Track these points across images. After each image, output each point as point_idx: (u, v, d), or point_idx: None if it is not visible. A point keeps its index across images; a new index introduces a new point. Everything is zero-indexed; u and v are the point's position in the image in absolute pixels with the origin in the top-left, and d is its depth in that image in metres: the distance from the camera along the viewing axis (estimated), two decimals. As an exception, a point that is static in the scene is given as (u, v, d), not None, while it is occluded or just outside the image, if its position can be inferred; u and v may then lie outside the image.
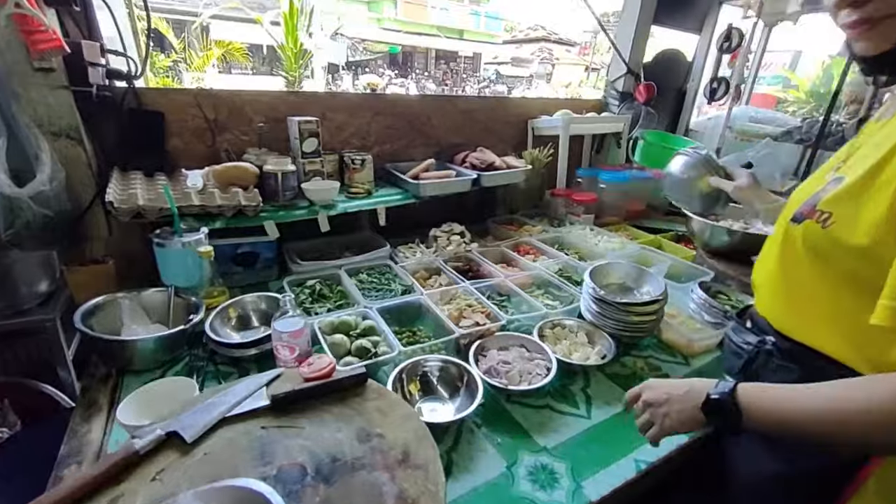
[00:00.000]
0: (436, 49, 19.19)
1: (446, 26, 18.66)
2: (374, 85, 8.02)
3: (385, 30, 16.50)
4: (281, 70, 3.82)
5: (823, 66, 7.36)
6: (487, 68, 22.29)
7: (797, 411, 0.60)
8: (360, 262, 1.47)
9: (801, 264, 0.73)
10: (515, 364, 1.01)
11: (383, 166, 1.79)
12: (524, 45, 24.83)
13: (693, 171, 1.29)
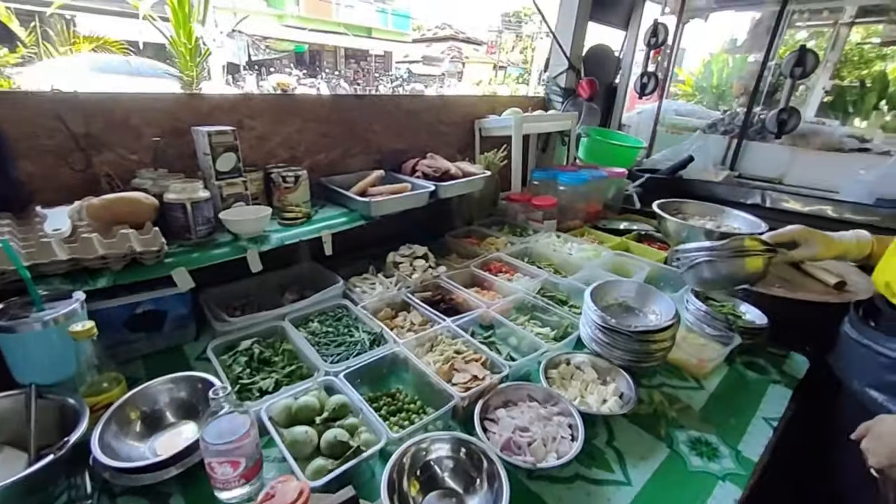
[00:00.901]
0: (345, 48, 18.46)
1: (353, 24, 18.00)
2: (285, 85, 7.36)
3: (288, 27, 15.45)
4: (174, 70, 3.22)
5: (704, 62, 8.21)
6: (399, 67, 22.01)
7: None
8: (308, 308, 1.17)
9: None
10: (535, 429, 0.81)
11: (318, 181, 1.49)
12: (434, 44, 24.96)
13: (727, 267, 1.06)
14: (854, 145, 2.32)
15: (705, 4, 2.97)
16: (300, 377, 0.95)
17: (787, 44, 5.17)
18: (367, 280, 1.35)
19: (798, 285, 1.28)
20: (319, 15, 16.56)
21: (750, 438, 0.90)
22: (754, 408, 0.98)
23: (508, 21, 25.40)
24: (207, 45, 3.91)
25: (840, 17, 4.08)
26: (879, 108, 5.14)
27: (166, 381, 0.85)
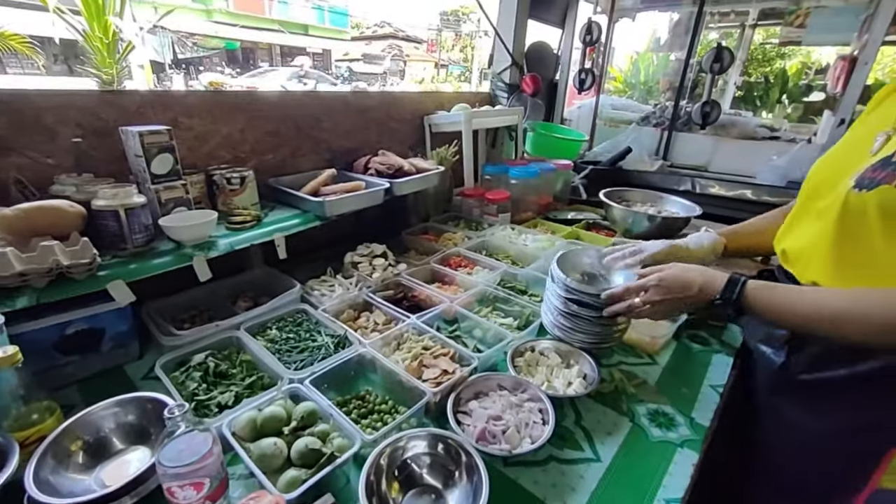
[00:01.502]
0: (280, 45, 17.72)
1: (288, 21, 17.31)
2: (219, 85, 6.93)
3: (216, 23, 14.56)
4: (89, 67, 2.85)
5: (632, 60, 8.75)
6: (339, 65, 21.51)
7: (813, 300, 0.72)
8: (264, 315, 1.11)
9: (872, 230, 0.69)
10: (508, 417, 0.83)
11: (266, 182, 1.42)
12: (374, 42, 24.63)
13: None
14: (766, 134, 2.58)
15: (632, 5, 3.16)
16: (262, 387, 0.90)
17: (702, 43, 5.64)
18: (325, 282, 1.31)
19: (731, 263, 1.39)
20: (251, 11, 15.75)
21: (700, 406, 0.97)
22: (702, 377, 1.06)
23: (447, 19, 25.58)
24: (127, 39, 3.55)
25: (745, 19, 4.50)
26: (782, 102, 5.75)
27: (110, 406, 0.77)
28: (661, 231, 1.51)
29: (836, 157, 0.86)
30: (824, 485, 0.85)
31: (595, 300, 0.97)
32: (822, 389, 0.82)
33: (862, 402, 0.78)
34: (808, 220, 0.84)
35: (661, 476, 0.80)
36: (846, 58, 2.31)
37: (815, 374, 0.82)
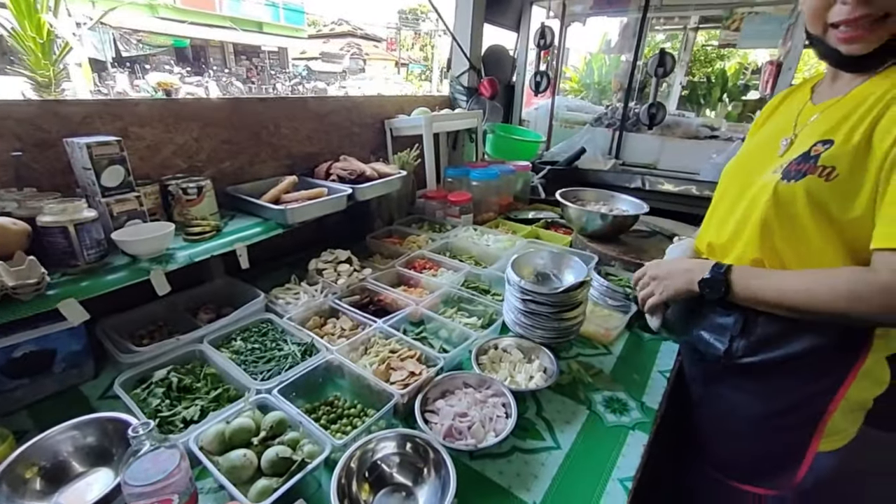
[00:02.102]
0: (233, 43, 17.06)
1: (241, 18, 16.68)
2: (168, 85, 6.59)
3: (163, 19, 13.82)
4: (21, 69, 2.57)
5: (585, 60, 9.06)
6: (297, 64, 20.98)
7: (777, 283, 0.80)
8: (228, 326, 1.10)
9: (800, 214, 0.78)
10: (473, 413, 0.87)
11: (224, 191, 1.40)
12: (331, 40, 24.16)
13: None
14: (707, 133, 2.76)
15: (582, 10, 3.28)
16: (228, 400, 0.90)
17: (650, 45, 5.93)
18: (289, 290, 1.31)
19: (676, 256, 1.50)
20: (200, 7, 15.06)
21: (650, 391, 1.05)
22: (652, 364, 1.15)
23: (406, 18, 25.47)
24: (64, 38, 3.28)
25: (688, 22, 4.77)
26: (723, 100, 6.13)
27: (68, 429, 0.76)
28: (614, 228, 1.60)
29: (745, 161, 0.97)
30: (773, 457, 0.93)
31: (550, 298, 1.03)
32: (761, 371, 0.90)
33: (795, 379, 0.87)
34: (728, 215, 0.94)
35: (616, 458, 0.87)
36: (773, 62, 2.51)
37: (755, 357, 0.90)
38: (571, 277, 1.17)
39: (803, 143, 0.82)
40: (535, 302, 1.06)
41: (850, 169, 0.73)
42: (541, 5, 3.04)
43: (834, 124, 0.78)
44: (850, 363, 0.82)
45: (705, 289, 0.88)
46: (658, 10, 3.43)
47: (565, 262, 1.21)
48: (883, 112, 0.72)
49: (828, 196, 0.75)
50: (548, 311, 1.06)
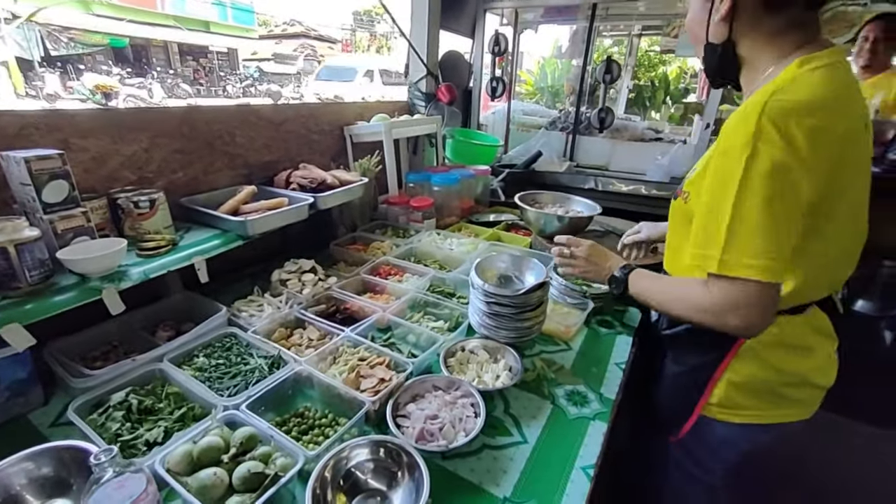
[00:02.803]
0: (178, 43, 16.24)
1: (185, 17, 15.90)
2: (106, 88, 6.15)
3: (98, 17, 12.95)
4: None
5: (539, 65, 9.35)
6: (248, 65, 20.27)
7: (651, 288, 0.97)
8: (189, 343, 1.07)
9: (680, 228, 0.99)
10: (443, 415, 0.90)
11: (178, 202, 1.36)
12: (284, 41, 23.52)
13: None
14: (652, 136, 2.94)
15: (533, 18, 3.40)
16: (194, 419, 0.88)
17: (598, 50, 6.21)
18: (253, 302, 1.29)
19: (626, 254, 1.60)
20: (140, 5, 14.23)
21: (608, 382, 1.12)
22: (608, 356, 1.22)
23: (361, 19, 25.19)
24: None
25: (632, 29, 5.03)
26: (666, 103, 6.52)
27: (20, 460, 0.72)
28: (571, 229, 1.68)
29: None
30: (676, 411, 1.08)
31: (512, 300, 1.08)
32: (674, 340, 1.07)
33: (694, 349, 1.02)
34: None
35: (579, 447, 0.92)
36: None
37: (671, 329, 1.07)
38: (532, 279, 1.23)
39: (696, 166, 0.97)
40: (499, 304, 1.11)
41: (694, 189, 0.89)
42: (494, 13, 3.12)
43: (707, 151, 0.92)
44: (731, 343, 0.94)
45: (612, 283, 1.06)
46: (604, 20, 3.61)
47: (525, 264, 1.27)
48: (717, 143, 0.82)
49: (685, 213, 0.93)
50: (511, 312, 1.11)
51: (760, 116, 0.70)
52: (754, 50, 0.84)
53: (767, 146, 0.70)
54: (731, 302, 0.76)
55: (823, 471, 2.06)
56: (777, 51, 0.81)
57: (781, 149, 0.69)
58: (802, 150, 0.69)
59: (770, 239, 0.72)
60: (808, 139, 0.69)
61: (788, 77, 0.76)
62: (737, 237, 0.73)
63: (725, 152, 0.75)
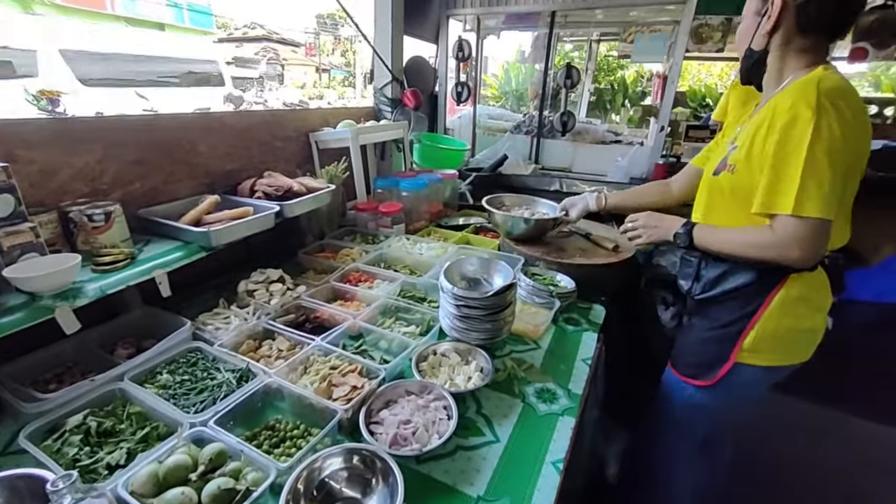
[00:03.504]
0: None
1: (137, 18, 15.20)
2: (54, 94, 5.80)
3: (39, 16, 12.19)
4: None
5: (503, 69, 9.51)
6: (207, 69, 19.59)
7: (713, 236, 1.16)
8: (151, 360, 1.04)
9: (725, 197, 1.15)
10: (416, 419, 0.91)
11: (136, 214, 1.31)
12: (245, 45, 22.91)
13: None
14: (612, 138, 3.06)
15: (496, 25, 3.47)
16: (159, 438, 0.85)
17: (560, 54, 6.39)
18: (219, 315, 1.25)
19: (591, 253, 1.66)
20: (86, 5, 13.52)
21: (575, 378, 1.16)
22: (575, 353, 1.27)
23: (324, 23, 24.85)
24: None
25: (591, 35, 5.21)
26: (625, 106, 6.78)
27: (-33, 494, 0.68)
28: (537, 230, 1.73)
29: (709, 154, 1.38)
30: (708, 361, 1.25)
31: (481, 302, 1.10)
32: (707, 303, 1.24)
33: (729, 308, 1.19)
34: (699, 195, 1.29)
35: (548, 443, 0.95)
36: (661, 75, 2.85)
37: (704, 294, 1.23)
38: (500, 280, 1.26)
39: (739, 144, 1.12)
40: (468, 307, 1.13)
41: (745, 164, 1.06)
42: (457, 19, 3.17)
43: (745, 132, 1.10)
44: (763, 298, 1.13)
45: (677, 238, 1.22)
46: (563, 27, 3.72)
47: (493, 266, 1.30)
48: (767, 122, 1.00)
49: (732, 183, 1.11)
50: (480, 314, 1.13)
51: (819, 97, 0.92)
52: (782, 60, 1.07)
53: (825, 117, 0.91)
54: (799, 237, 0.95)
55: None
56: (798, 64, 1.05)
57: (834, 118, 0.91)
58: (850, 119, 0.92)
59: (830, 186, 0.92)
60: (853, 113, 0.93)
61: (820, 74, 0.97)
62: (806, 186, 0.92)
63: (790, 125, 0.95)
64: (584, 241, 1.78)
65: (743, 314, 1.16)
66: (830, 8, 0.98)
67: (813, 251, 0.97)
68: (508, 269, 1.26)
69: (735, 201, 1.12)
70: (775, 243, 0.99)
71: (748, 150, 1.05)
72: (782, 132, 0.96)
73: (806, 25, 1.01)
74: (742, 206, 1.08)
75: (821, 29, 1.01)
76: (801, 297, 1.11)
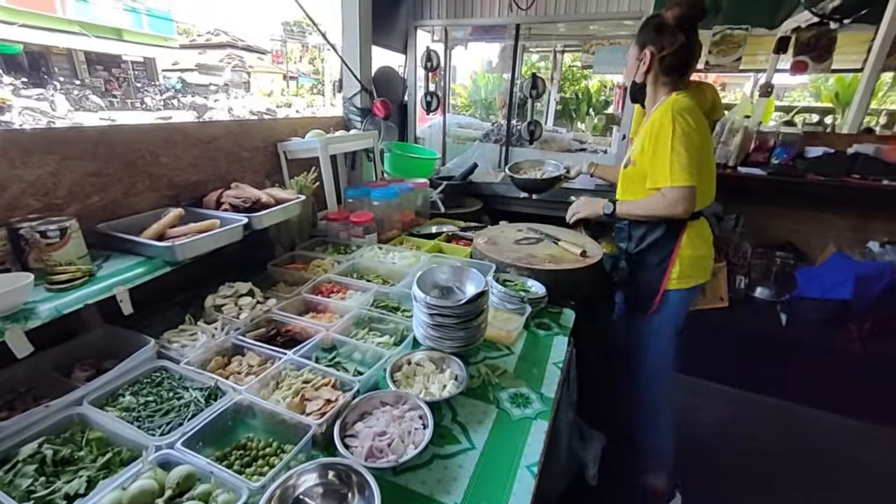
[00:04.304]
0: (84, 51, 14.85)
1: (92, 23, 14.59)
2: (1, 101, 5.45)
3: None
4: None
5: (472, 78, 9.67)
6: (169, 76, 19.01)
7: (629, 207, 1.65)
8: (113, 382, 0.99)
9: (632, 183, 1.68)
10: (392, 430, 0.91)
11: (94, 229, 1.26)
12: (209, 51, 22.35)
13: None
14: (577, 146, 3.15)
15: (463, 36, 3.53)
16: (122, 464, 0.82)
17: (527, 64, 6.55)
18: (185, 332, 1.21)
19: (560, 259, 1.70)
20: (36, 7, 12.86)
21: (548, 381, 1.19)
22: (547, 357, 1.30)
23: (291, 30, 24.54)
24: None
25: (556, 46, 5.37)
26: (590, 114, 7.01)
27: None
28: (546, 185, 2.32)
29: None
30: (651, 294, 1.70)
31: (454, 311, 1.11)
32: (641, 254, 1.70)
33: (655, 252, 1.66)
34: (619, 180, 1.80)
35: (523, 447, 0.97)
36: (621, 85, 2.97)
37: (637, 248, 1.70)
38: (472, 288, 1.27)
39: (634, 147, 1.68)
40: (441, 315, 1.14)
41: (640, 158, 1.59)
42: (425, 30, 3.21)
43: (639, 137, 1.64)
44: (675, 241, 1.62)
45: (605, 209, 1.69)
46: (528, 38, 3.83)
47: (465, 274, 1.31)
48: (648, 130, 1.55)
49: (635, 174, 1.64)
50: (453, 322, 1.14)
51: (674, 110, 1.46)
52: (654, 89, 1.62)
53: (680, 120, 1.44)
54: (678, 198, 1.46)
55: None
56: (663, 91, 1.59)
57: (685, 120, 1.45)
58: (690, 121, 1.45)
59: (690, 164, 1.43)
60: (693, 119, 1.46)
61: (674, 98, 1.52)
62: (674, 167, 1.44)
63: (660, 131, 1.48)
64: (554, 246, 1.82)
65: (665, 254, 1.64)
66: (680, 61, 1.54)
67: (690, 205, 1.46)
68: (480, 277, 1.28)
69: (638, 184, 1.64)
70: (666, 205, 1.49)
71: (640, 149, 1.58)
72: (656, 135, 1.49)
73: (666, 71, 1.56)
74: (641, 185, 1.61)
75: (674, 72, 1.56)
76: (696, 235, 1.63)
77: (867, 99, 3.16)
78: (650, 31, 1.55)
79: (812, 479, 2.12)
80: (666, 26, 1.52)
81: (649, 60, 1.54)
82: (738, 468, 2.17)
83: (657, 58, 1.53)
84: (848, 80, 6.84)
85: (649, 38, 1.55)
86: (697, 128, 1.46)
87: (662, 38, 1.52)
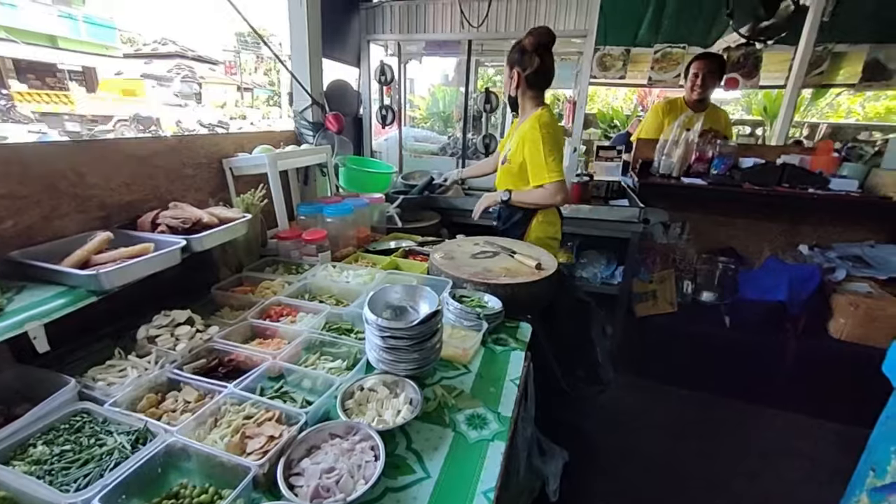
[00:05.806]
0: (12, 58, 13.79)
1: (21, 29, 13.59)
2: None
3: None
4: None
5: (430, 91, 9.75)
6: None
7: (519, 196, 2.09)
8: (23, 431, 0.88)
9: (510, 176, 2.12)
10: (340, 466, 0.86)
11: (7, 258, 1.14)
12: (155, 61, 21.38)
13: None
14: (534, 159, 3.22)
15: (417, 50, 3.55)
16: (28, 527, 0.72)
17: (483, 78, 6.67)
18: (113, 367, 1.11)
19: (515, 272, 1.71)
20: (-48, 11, 11.84)
21: (505, 400, 1.17)
22: (504, 374, 1.28)
23: (245, 41, 23.90)
24: None
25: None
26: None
27: None
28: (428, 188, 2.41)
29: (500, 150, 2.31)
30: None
31: (407, 332, 1.08)
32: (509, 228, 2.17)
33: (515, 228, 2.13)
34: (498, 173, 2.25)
35: (479, 472, 0.94)
36: (571, 100, 3.08)
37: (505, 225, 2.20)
38: (426, 307, 1.25)
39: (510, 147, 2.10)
40: (394, 337, 1.10)
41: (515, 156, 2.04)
42: (378, 44, 3.20)
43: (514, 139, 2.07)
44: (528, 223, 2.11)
45: (502, 197, 2.09)
46: (481, 54, 3.90)
47: (419, 293, 1.29)
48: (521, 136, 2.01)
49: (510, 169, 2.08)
50: (407, 344, 1.11)
51: (539, 123, 1.91)
52: (523, 101, 2.07)
53: (544, 131, 1.90)
54: (554, 190, 1.92)
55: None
56: (531, 104, 2.04)
57: (548, 131, 1.90)
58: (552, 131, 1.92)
59: (559, 163, 1.93)
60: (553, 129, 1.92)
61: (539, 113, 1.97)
62: (548, 166, 1.91)
63: (532, 140, 1.93)
64: (510, 259, 1.83)
65: (521, 233, 2.10)
66: (540, 77, 1.97)
67: (565, 195, 1.94)
68: (434, 295, 1.26)
69: (512, 177, 2.10)
70: (548, 196, 1.95)
71: (514, 150, 2.04)
72: (530, 144, 1.93)
73: (530, 86, 2.00)
74: (516, 179, 2.07)
75: (536, 87, 2.00)
76: (544, 221, 2.10)
77: (791, 113, 3.43)
78: (516, 54, 1.96)
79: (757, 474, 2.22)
80: (525, 51, 1.93)
81: (517, 78, 1.98)
82: (688, 467, 2.24)
83: (523, 76, 1.96)
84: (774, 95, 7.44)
85: (516, 60, 1.96)
86: (557, 137, 1.94)
87: (524, 60, 1.93)
